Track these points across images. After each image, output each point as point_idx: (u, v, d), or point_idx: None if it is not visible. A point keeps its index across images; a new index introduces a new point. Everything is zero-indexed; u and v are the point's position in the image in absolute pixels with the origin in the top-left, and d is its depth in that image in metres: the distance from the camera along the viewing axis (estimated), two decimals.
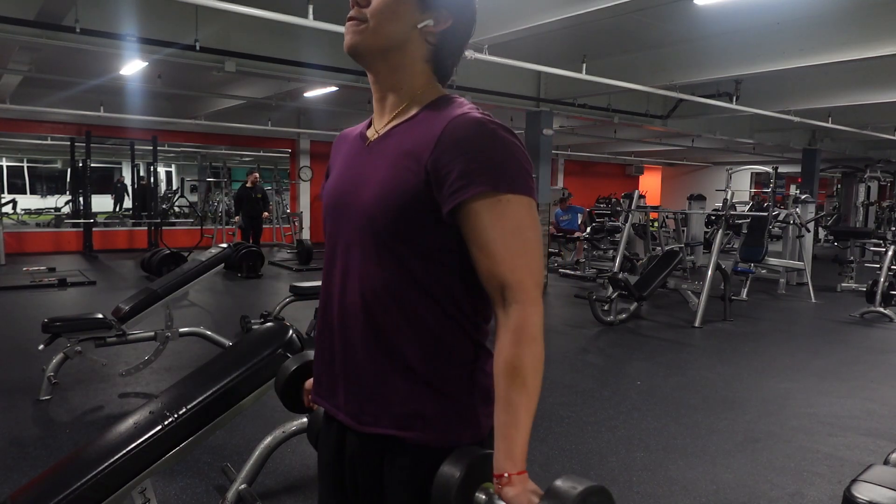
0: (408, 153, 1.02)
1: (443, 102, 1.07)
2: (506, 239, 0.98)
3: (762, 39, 6.31)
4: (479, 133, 0.99)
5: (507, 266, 0.98)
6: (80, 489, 1.66)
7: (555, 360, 5.26)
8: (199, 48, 5.55)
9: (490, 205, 0.97)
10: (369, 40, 1.06)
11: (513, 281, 0.98)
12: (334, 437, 1.16)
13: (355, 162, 1.14)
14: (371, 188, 1.05)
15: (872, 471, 1.87)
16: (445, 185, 0.98)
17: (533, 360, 0.97)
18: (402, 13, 1.05)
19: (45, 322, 3.84)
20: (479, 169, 0.97)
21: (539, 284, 1.00)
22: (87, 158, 11.51)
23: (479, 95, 7.75)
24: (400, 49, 1.07)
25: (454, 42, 1.11)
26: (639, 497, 2.83)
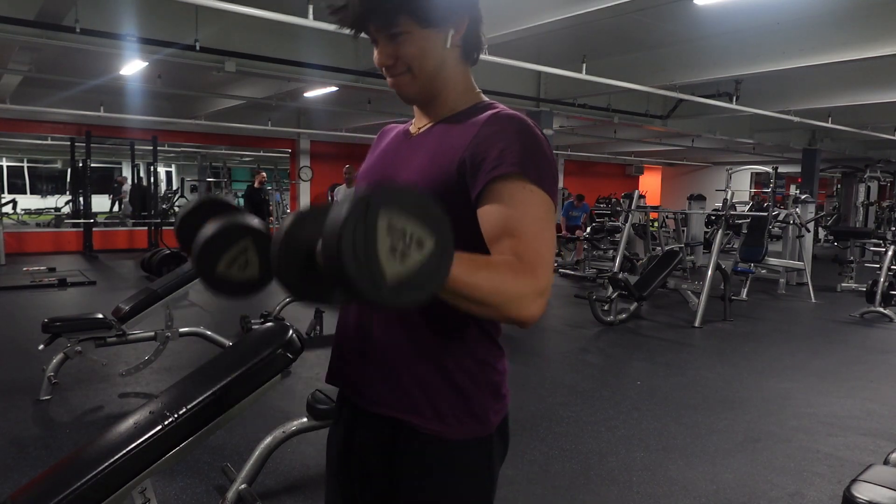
0: (446, 146, 1.06)
1: (482, 107, 1.11)
2: (527, 222, 0.97)
3: (762, 39, 6.32)
4: (519, 126, 1.02)
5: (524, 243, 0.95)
6: (80, 489, 1.66)
7: (555, 360, 5.26)
8: (199, 48, 5.55)
9: (518, 188, 0.98)
10: (421, 86, 1.09)
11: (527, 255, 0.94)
12: (347, 420, 1.19)
13: (395, 153, 1.18)
14: (408, 175, 1.09)
15: (872, 471, 1.87)
16: (480, 169, 1.00)
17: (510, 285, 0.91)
18: (429, 47, 1.06)
19: (45, 322, 3.84)
20: (515, 155, 0.98)
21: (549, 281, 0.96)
22: (88, 158, 11.52)
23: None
24: (440, 72, 1.10)
25: (475, 27, 1.13)
26: (639, 497, 2.83)
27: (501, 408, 1.12)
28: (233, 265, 1.02)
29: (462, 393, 1.07)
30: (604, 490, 2.88)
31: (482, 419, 1.08)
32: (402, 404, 1.07)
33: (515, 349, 5.37)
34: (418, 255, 0.76)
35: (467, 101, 1.13)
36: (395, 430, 1.08)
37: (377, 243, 0.73)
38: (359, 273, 0.72)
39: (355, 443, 1.16)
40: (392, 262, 0.74)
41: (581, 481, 2.96)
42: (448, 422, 1.06)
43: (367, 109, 9.91)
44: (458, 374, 1.07)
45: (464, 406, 1.07)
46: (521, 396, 4.10)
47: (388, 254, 0.74)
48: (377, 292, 0.74)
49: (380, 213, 0.73)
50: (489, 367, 1.10)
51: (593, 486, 2.92)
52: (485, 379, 1.09)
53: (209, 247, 1.00)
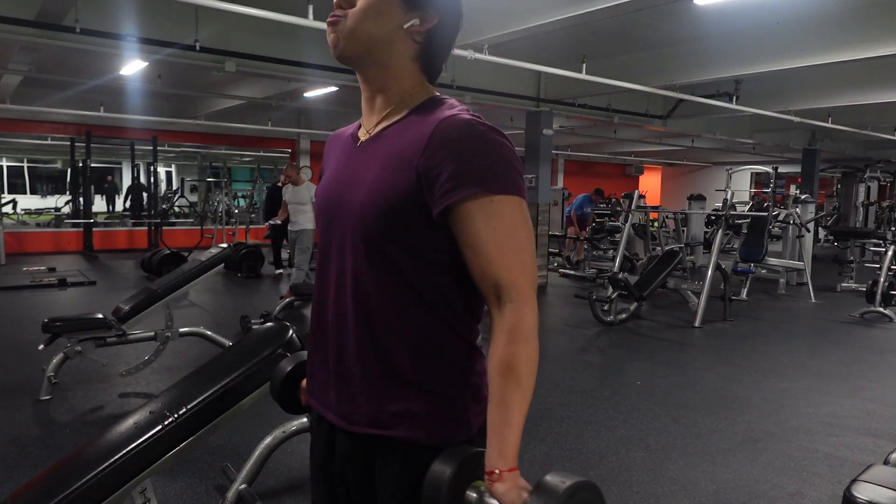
0: (398, 155, 1.03)
1: (433, 104, 1.07)
2: (498, 239, 0.98)
3: (762, 39, 6.31)
4: (469, 134, 0.99)
5: (500, 266, 0.98)
6: (80, 489, 1.66)
7: (555, 360, 5.26)
8: (199, 48, 5.56)
9: (481, 206, 0.97)
10: (349, 40, 1.07)
11: (507, 281, 0.98)
12: (325, 436, 1.17)
13: (347, 163, 1.14)
14: (362, 190, 1.05)
15: (872, 471, 1.87)
16: (436, 187, 0.98)
17: (527, 359, 0.98)
18: (385, 12, 1.05)
19: (45, 322, 3.84)
20: (470, 170, 0.97)
21: (533, 284, 1.01)
22: (88, 158, 11.52)
23: (479, 95, 7.75)
24: (385, 48, 1.07)
25: (441, 40, 1.10)
26: (639, 497, 2.83)
27: (482, 410, 1.08)
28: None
29: (441, 400, 1.05)
30: (604, 490, 2.85)
31: (463, 423, 1.06)
32: (378, 421, 1.06)
33: None
34: None
35: (414, 100, 1.09)
36: (375, 443, 1.07)
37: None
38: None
39: (336, 454, 1.14)
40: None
41: None
42: (428, 429, 1.04)
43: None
44: (435, 384, 1.05)
45: (443, 412, 1.05)
46: None
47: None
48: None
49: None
50: (468, 370, 1.08)
51: None
52: (464, 383, 1.07)
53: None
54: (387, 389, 1.06)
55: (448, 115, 1.01)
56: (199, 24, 5.57)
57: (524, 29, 5.27)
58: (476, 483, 0.96)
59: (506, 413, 0.97)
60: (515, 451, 0.96)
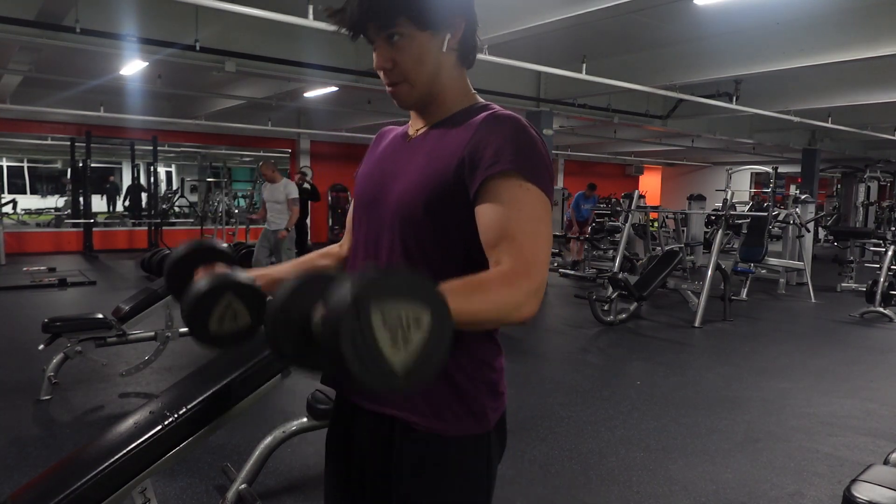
0: (444, 147, 1.07)
1: (479, 108, 1.12)
2: (521, 220, 0.98)
3: (762, 39, 6.32)
4: (514, 125, 1.03)
5: (519, 245, 0.97)
6: (80, 489, 1.66)
7: (555, 360, 5.26)
8: (200, 48, 5.55)
9: (513, 186, 0.99)
10: (419, 93, 1.10)
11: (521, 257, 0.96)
12: (345, 419, 1.19)
13: (392, 156, 1.18)
14: (405, 180, 1.09)
15: (872, 471, 1.87)
16: (478, 167, 1.01)
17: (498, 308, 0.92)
18: (426, 53, 1.07)
19: (45, 322, 3.84)
20: (510, 153, 1.00)
21: (542, 275, 0.97)
22: (88, 158, 11.52)
23: (480, 95, 7.74)
24: (438, 77, 1.10)
25: (471, 31, 1.13)
26: (639, 497, 2.83)
27: (499, 406, 1.12)
28: (223, 321, 1.07)
29: (459, 391, 1.07)
30: (604, 490, 2.88)
31: (480, 417, 1.08)
32: (399, 402, 1.07)
33: (515, 349, 5.37)
34: (419, 333, 0.76)
35: (463, 104, 1.14)
36: (392, 429, 1.09)
37: (378, 340, 0.73)
38: (370, 376, 0.73)
39: (354, 441, 1.16)
40: (397, 352, 0.74)
41: (581, 481, 2.96)
42: (445, 419, 1.06)
43: (366, 109, 9.91)
44: (455, 373, 1.07)
45: (461, 404, 1.07)
46: (521, 396, 4.10)
47: (391, 347, 0.74)
48: (391, 385, 0.75)
49: (372, 312, 0.73)
50: (486, 365, 1.10)
51: (593, 486, 2.92)
52: (482, 377, 1.09)
53: (195, 314, 1.05)
54: None
55: (495, 110, 1.08)
56: (199, 24, 5.57)
57: (524, 29, 5.27)
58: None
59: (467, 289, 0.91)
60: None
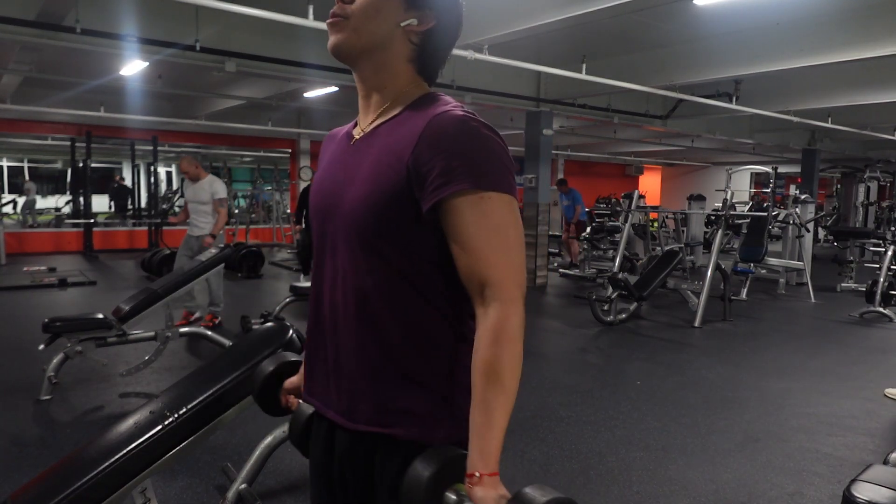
0: (390, 152, 1.03)
1: (426, 101, 1.07)
2: (487, 236, 0.97)
3: (762, 39, 6.32)
4: (460, 131, 0.98)
5: (487, 263, 0.98)
6: (80, 489, 1.66)
7: (555, 360, 5.26)
8: (200, 48, 5.55)
9: (471, 202, 0.97)
10: (351, 39, 1.07)
11: (493, 279, 0.98)
12: (324, 435, 1.17)
13: (341, 161, 1.15)
14: (355, 188, 1.06)
15: (872, 471, 1.87)
16: (426, 183, 0.98)
17: (511, 361, 0.97)
18: (384, 11, 1.05)
19: (45, 322, 3.84)
20: (460, 167, 0.96)
21: (520, 284, 0.99)
22: (88, 158, 11.52)
23: (479, 95, 7.75)
24: (383, 48, 1.08)
25: (438, 42, 1.11)
26: (638, 497, 2.83)
27: None
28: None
29: (438, 397, 1.05)
30: (604, 490, 2.88)
31: (462, 420, 1.04)
32: (377, 417, 1.06)
33: None
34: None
35: (410, 96, 1.09)
36: (374, 442, 1.07)
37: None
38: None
39: (336, 452, 1.14)
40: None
41: (581, 481, 2.96)
42: (425, 425, 1.04)
43: None
44: (431, 381, 1.05)
45: (441, 410, 1.05)
46: (521, 396, 4.05)
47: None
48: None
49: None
50: (463, 368, 1.06)
51: (593, 485, 2.92)
52: (460, 381, 1.06)
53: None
54: (385, 386, 1.05)
55: (441, 111, 1.01)
56: (200, 25, 5.57)
57: (524, 29, 5.27)
58: (456, 485, 0.96)
59: (488, 416, 0.96)
60: (497, 454, 0.95)
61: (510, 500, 0.89)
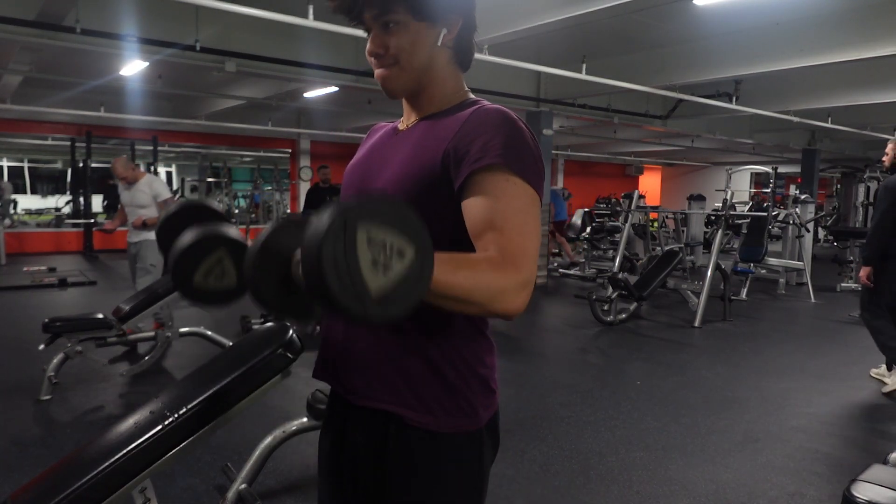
0: (431, 137, 1.07)
1: (468, 102, 1.12)
2: (507, 213, 0.97)
3: (762, 39, 6.32)
4: (503, 119, 1.02)
5: (507, 236, 0.96)
6: (80, 489, 1.66)
7: (555, 360, 5.26)
8: (200, 48, 5.56)
9: (501, 180, 0.98)
10: (408, 80, 1.10)
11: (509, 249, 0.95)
12: (338, 417, 1.19)
13: (381, 148, 1.19)
14: (391, 170, 1.10)
15: (872, 471, 1.87)
16: (463, 161, 1.00)
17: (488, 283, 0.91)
18: (419, 41, 1.07)
19: (45, 322, 3.84)
20: (498, 147, 0.99)
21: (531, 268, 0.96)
22: (88, 159, 11.52)
23: (479, 95, 7.65)
24: (429, 70, 1.11)
25: (468, 33, 1.14)
26: (638, 497, 2.83)
27: (491, 403, 1.12)
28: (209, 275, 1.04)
29: (450, 386, 1.06)
30: (604, 490, 2.88)
31: (471, 413, 1.07)
32: (391, 397, 1.07)
33: (515, 349, 5.38)
34: (400, 265, 0.75)
35: (454, 100, 1.13)
36: (385, 425, 1.08)
37: (359, 258, 0.72)
38: (342, 289, 0.72)
39: (346, 440, 1.16)
40: (375, 276, 0.74)
41: (581, 481, 2.96)
42: (437, 415, 1.05)
43: (367, 109, 9.91)
44: (445, 368, 1.06)
45: (452, 399, 1.06)
46: (521, 396, 4.10)
47: (371, 267, 0.73)
48: (363, 308, 0.74)
49: (359, 227, 0.73)
50: (478, 361, 1.09)
51: (593, 485, 2.92)
52: (473, 373, 1.08)
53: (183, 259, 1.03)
54: (401, 369, 1.07)
55: (484, 104, 1.08)
56: (200, 25, 5.57)
57: (524, 29, 5.27)
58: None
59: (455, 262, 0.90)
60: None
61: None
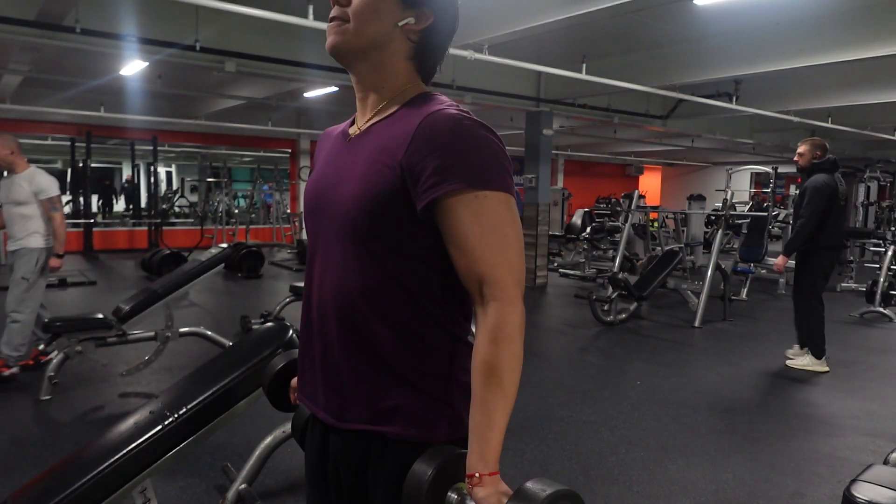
0: (384, 150, 1.02)
1: (421, 99, 1.07)
2: (484, 236, 0.97)
3: (762, 39, 6.32)
4: (454, 129, 0.98)
5: (485, 263, 0.97)
6: (80, 489, 1.66)
7: (555, 360, 5.26)
8: (200, 48, 5.55)
9: (465, 202, 0.96)
10: (351, 40, 1.07)
11: (491, 278, 0.97)
12: (318, 436, 1.16)
13: (336, 160, 1.14)
14: (349, 186, 1.05)
15: (872, 471, 1.87)
16: (420, 183, 0.97)
17: (510, 360, 0.96)
18: (382, 11, 1.05)
19: (45, 322, 3.84)
20: (454, 166, 0.96)
21: (519, 282, 0.99)
22: (88, 158, 11.52)
23: (479, 95, 7.75)
24: (381, 48, 1.07)
25: (436, 40, 1.10)
26: (638, 497, 2.83)
27: None
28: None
29: (432, 397, 1.05)
30: (603, 490, 2.88)
31: (456, 421, 1.05)
32: (371, 416, 1.05)
33: None
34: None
35: (404, 97, 1.09)
36: (368, 442, 1.06)
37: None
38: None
39: (330, 453, 1.14)
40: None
41: (581, 481, 2.96)
42: (420, 426, 1.04)
43: None
44: (422, 382, 1.04)
45: (436, 409, 1.05)
46: (521, 396, 4.06)
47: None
48: None
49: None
50: (457, 368, 1.07)
51: (593, 485, 2.92)
52: (454, 380, 1.06)
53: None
54: (376, 385, 1.05)
55: (435, 109, 1.01)
56: (200, 25, 5.57)
57: (524, 29, 5.26)
58: (457, 485, 0.96)
59: (487, 415, 0.95)
60: (497, 454, 0.95)
61: (512, 497, 0.89)
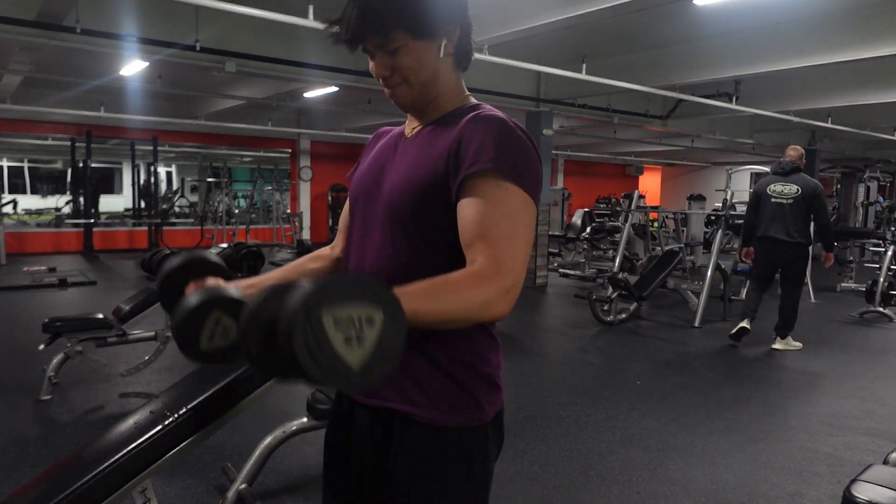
0: (435, 144, 1.10)
1: (468, 107, 1.14)
2: (496, 220, 0.99)
3: (762, 39, 6.32)
4: (501, 127, 1.05)
5: (488, 241, 0.98)
6: (80, 489, 1.66)
7: (555, 360, 5.26)
8: (200, 48, 5.55)
9: (491, 185, 1.01)
10: (417, 95, 1.13)
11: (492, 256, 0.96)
12: (344, 415, 1.21)
13: (386, 155, 1.20)
14: (396, 174, 1.13)
15: (872, 471, 1.87)
16: (460, 165, 1.03)
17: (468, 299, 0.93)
18: (425, 58, 1.10)
19: (45, 322, 3.84)
20: (490, 152, 1.01)
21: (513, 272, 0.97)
22: (88, 158, 11.52)
23: (480, 95, 7.65)
24: (435, 81, 1.13)
25: (466, 35, 1.16)
26: (638, 497, 2.83)
27: (496, 400, 1.13)
28: (214, 338, 1.06)
29: (456, 382, 1.08)
30: (604, 490, 2.88)
31: (476, 408, 1.09)
32: (397, 395, 1.08)
33: (515, 349, 5.38)
34: (372, 332, 0.78)
35: (456, 104, 1.16)
36: (391, 421, 1.10)
37: (331, 342, 0.76)
38: (325, 374, 0.76)
39: (353, 435, 1.17)
40: (352, 351, 0.77)
41: (581, 481, 2.96)
42: (443, 409, 1.07)
43: (366, 109, 9.91)
44: (450, 367, 1.08)
45: (458, 395, 1.08)
46: (521, 396, 4.10)
47: (345, 346, 0.77)
48: (348, 382, 0.78)
49: (322, 314, 0.75)
50: (482, 358, 1.11)
51: (593, 485, 2.92)
52: (478, 371, 1.10)
53: (184, 332, 1.04)
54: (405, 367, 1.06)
55: (485, 110, 1.11)
56: (200, 25, 5.57)
57: (524, 29, 5.27)
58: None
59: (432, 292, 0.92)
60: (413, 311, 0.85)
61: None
